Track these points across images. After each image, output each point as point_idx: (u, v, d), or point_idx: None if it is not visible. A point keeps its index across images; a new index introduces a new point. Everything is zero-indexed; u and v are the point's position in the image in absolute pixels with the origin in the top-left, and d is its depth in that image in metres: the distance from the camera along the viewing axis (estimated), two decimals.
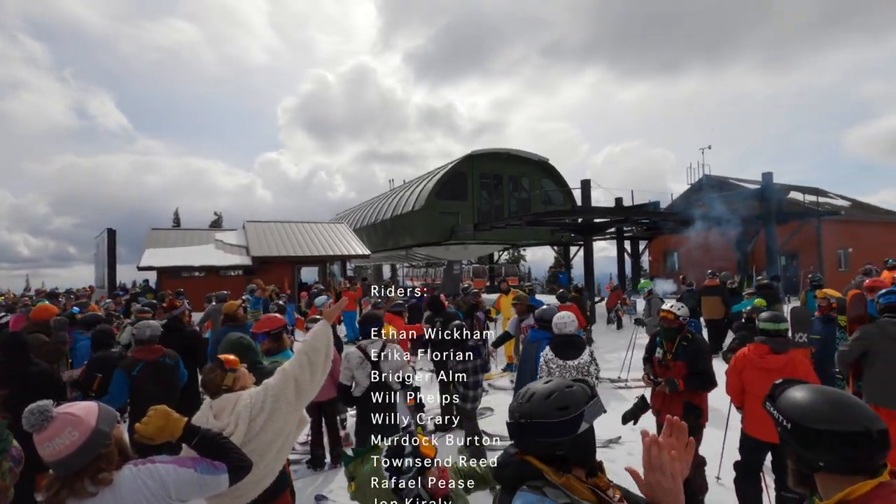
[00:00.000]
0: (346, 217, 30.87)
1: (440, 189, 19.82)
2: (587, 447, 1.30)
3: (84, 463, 1.46)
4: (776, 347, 3.37)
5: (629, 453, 4.91)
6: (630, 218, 16.90)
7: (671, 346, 3.86)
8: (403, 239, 21.72)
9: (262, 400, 2.18)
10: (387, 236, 23.61)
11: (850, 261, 20.86)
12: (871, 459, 1.13)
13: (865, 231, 22.49)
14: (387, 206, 24.18)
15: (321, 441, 4.93)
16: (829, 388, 1.26)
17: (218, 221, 44.26)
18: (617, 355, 9.49)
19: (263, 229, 19.69)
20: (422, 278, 32.95)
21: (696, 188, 23.08)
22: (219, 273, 16.99)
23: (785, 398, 1.26)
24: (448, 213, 19.76)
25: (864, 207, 25.07)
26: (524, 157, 21.36)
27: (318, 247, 18.73)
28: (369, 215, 26.61)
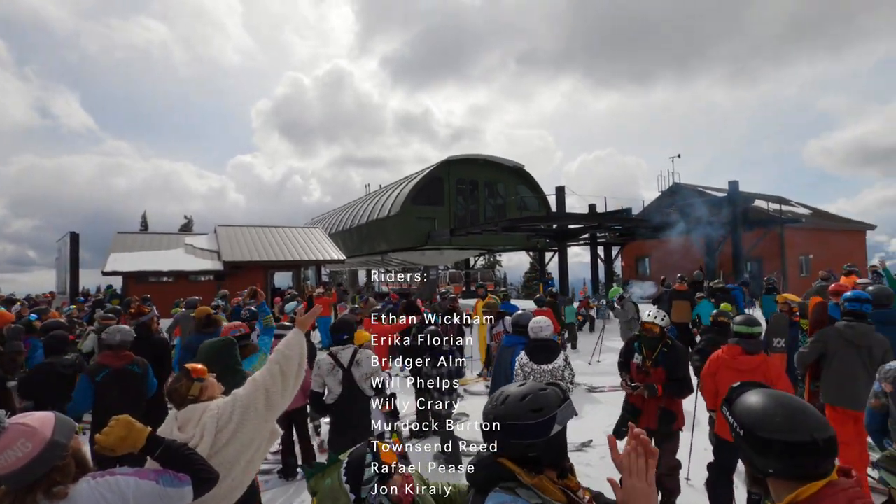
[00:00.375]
0: (322, 221, 30.53)
1: (416, 194, 19.82)
2: (559, 449, 1.32)
3: (38, 476, 1.39)
4: (748, 349, 3.47)
5: (601, 456, 4.97)
6: (603, 224, 17.23)
7: (651, 353, 3.81)
8: (379, 244, 21.60)
9: (229, 411, 2.10)
10: (363, 241, 23.44)
11: (811, 266, 21.74)
12: (818, 466, 1.17)
13: (825, 238, 23.49)
14: (363, 210, 24.02)
15: (292, 450, 4.83)
16: (783, 394, 1.29)
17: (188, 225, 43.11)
18: (591, 359, 9.63)
19: (235, 233, 19.29)
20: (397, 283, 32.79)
21: (666, 195, 23.72)
22: (188, 278, 16.54)
23: (740, 404, 1.29)
24: (424, 219, 19.77)
25: (823, 215, 26.18)
26: (500, 164, 21.57)
27: (292, 251, 18.45)
28: (345, 220, 26.37)
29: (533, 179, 22.48)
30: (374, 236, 22.07)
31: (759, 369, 3.39)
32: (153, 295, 13.04)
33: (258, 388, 2.16)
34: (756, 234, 18.70)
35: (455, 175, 20.70)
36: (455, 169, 20.69)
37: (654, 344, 3.81)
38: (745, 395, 1.31)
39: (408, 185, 20.78)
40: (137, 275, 15.75)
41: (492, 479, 1.30)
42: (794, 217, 21.12)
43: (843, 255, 22.67)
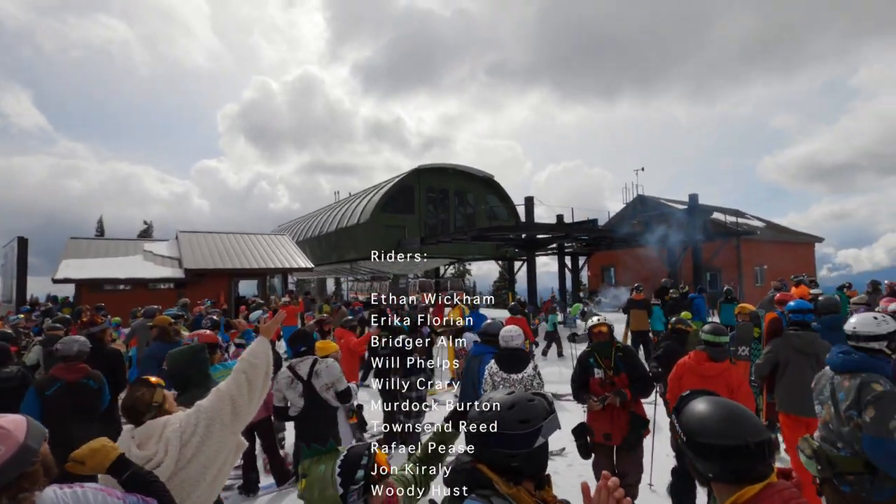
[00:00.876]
0: (289, 229, 29.98)
1: (387, 202, 19.75)
2: (540, 461, 1.32)
3: (7, 481, 1.30)
4: (714, 356, 3.58)
5: (569, 464, 5.02)
6: (570, 234, 17.57)
7: (609, 361, 3.72)
8: (348, 252, 21.37)
9: (193, 423, 2.00)
10: (331, 249, 23.13)
11: (765, 277, 22.76)
12: (753, 469, 1.21)
13: (778, 250, 24.67)
14: (332, 218, 23.73)
15: (254, 465, 4.68)
16: (725, 401, 1.33)
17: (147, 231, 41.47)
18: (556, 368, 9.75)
19: (198, 240, 18.68)
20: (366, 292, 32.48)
21: (631, 207, 24.42)
22: (147, 286, 15.89)
23: (685, 412, 1.34)
24: (394, 227, 19.69)
25: (776, 228, 27.50)
26: (470, 174, 21.76)
27: (257, 259, 18.00)
28: (314, 227, 25.98)
29: (502, 189, 22.76)
30: (343, 244, 21.82)
31: (721, 376, 3.50)
32: (109, 304, 12.45)
33: (223, 398, 2.08)
34: (715, 246, 19.46)
35: (425, 184, 20.74)
36: (425, 178, 20.74)
37: (608, 350, 3.75)
38: (691, 403, 1.35)
39: (378, 193, 20.69)
40: (91, 282, 15.01)
41: (469, 485, 1.29)
42: (750, 229, 22.10)
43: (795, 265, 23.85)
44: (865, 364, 2.57)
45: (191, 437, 1.97)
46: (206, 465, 1.99)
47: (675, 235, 17.84)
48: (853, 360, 2.61)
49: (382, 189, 20.70)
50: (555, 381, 8.72)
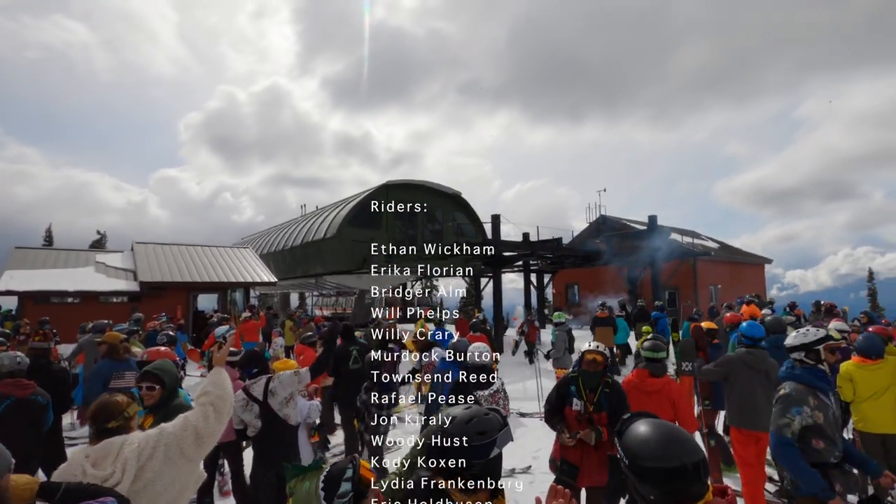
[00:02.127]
0: (253, 241, 29.27)
1: (354, 217, 19.62)
2: (495, 471, 1.41)
3: None
4: (655, 372, 3.70)
5: (530, 482, 5.06)
6: (536, 252, 17.90)
7: (593, 395, 3.34)
8: (314, 266, 21.03)
9: (152, 445, 1.92)
10: (296, 263, 22.70)
11: (719, 296, 23.74)
12: (690, 490, 1.27)
13: (731, 270, 25.82)
14: (298, 231, 23.35)
15: (209, 489, 4.50)
16: (661, 423, 1.39)
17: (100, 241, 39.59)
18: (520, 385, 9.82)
19: (156, 251, 18.00)
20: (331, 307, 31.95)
21: (594, 226, 25.11)
22: (98, 299, 15.13)
23: (627, 435, 1.40)
24: (361, 242, 19.54)
25: (729, 249, 28.81)
26: (439, 190, 21.92)
27: (218, 272, 17.47)
28: (278, 241, 25.47)
29: (470, 207, 23.00)
30: (308, 258, 21.47)
31: (663, 391, 3.61)
32: (56, 318, 11.80)
33: (188, 427, 2.03)
34: (672, 265, 20.21)
35: (394, 199, 20.76)
36: (394, 193, 20.76)
37: (596, 383, 3.35)
38: (632, 426, 1.41)
39: (346, 207, 20.53)
40: (37, 295, 14.17)
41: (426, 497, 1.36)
42: (705, 250, 23.08)
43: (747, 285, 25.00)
44: (790, 374, 2.91)
45: (148, 459, 1.89)
46: (161, 492, 1.91)
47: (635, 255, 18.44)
48: (783, 371, 2.98)
49: (350, 203, 20.57)
50: (519, 397, 8.78)
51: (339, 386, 5.60)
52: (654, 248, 18.36)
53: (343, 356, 5.75)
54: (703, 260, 22.57)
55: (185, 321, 14.65)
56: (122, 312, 12.65)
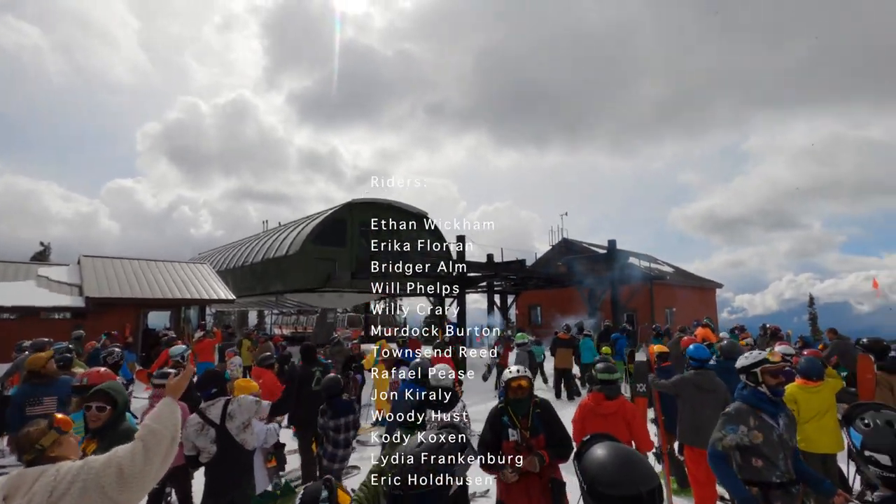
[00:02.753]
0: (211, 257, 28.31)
1: (318, 234, 19.33)
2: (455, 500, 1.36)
3: None
4: (609, 394, 3.74)
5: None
6: (500, 273, 18.10)
7: (526, 420, 3.19)
8: (275, 284, 20.50)
9: (69, 480, 1.72)
10: (256, 280, 22.08)
11: (674, 318, 24.60)
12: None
13: (685, 293, 26.87)
14: (259, 247, 22.77)
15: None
16: (621, 448, 1.42)
17: (44, 254, 37.27)
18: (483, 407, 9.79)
19: (104, 266, 17.11)
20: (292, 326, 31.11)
21: (556, 249, 25.68)
22: (39, 315, 14.19)
23: (585, 458, 1.41)
24: (325, 260, 19.25)
25: (683, 274, 30.03)
26: (404, 210, 21.94)
27: (172, 288, 16.75)
28: (238, 257, 24.74)
29: (435, 227, 23.13)
30: (269, 276, 20.92)
31: (619, 413, 3.66)
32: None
33: (111, 463, 1.80)
34: (631, 288, 20.85)
35: (359, 218, 20.62)
36: (359, 211, 20.64)
37: (526, 408, 3.21)
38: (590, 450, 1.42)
39: (310, 224, 20.23)
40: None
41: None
42: (661, 274, 23.97)
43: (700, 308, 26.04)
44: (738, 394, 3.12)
45: (62, 496, 1.69)
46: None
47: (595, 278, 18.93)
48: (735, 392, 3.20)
49: (315, 220, 20.29)
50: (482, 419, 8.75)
51: (300, 408, 5.43)
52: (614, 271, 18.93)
53: (304, 378, 5.60)
54: (659, 283, 23.41)
55: (133, 339, 13.92)
56: (65, 330, 11.87)
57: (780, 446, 2.85)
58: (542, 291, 23.93)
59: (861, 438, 1.77)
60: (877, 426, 1.75)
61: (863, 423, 1.79)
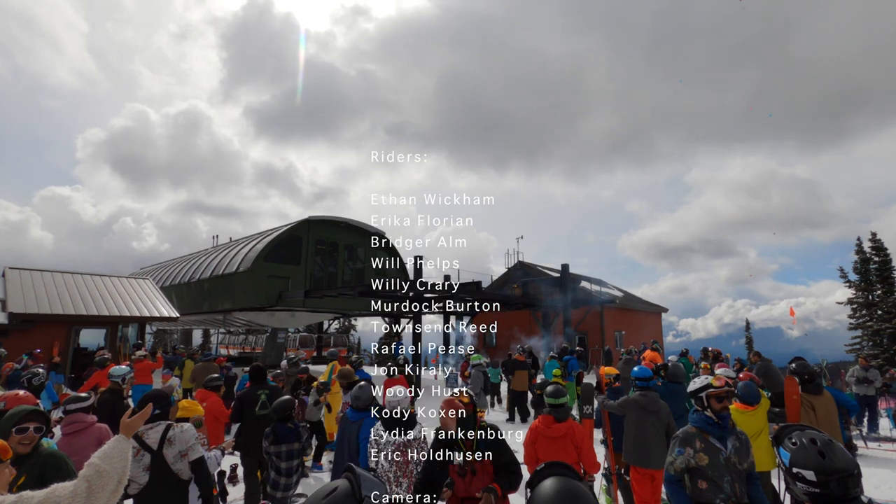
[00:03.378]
0: (154, 272, 26.89)
1: (272, 251, 18.80)
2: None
3: None
4: (558, 417, 3.80)
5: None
6: (456, 295, 18.15)
7: (472, 443, 3.10)
8: (223, 302, 19.67)
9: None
10: (203, 298, 21.11)
11: (623, 341, 25.41)
12: None
13: (633, 317, 27.87)
14: (208, 263, 21.85)
15: None
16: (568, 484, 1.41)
17: None
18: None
19: (33, 279, 15.88)
20: (239, 346, 29.81)
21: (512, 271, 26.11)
22: None
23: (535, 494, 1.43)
24: (277, 277, 18.70)
25: (632, 298, 31.19)
26: (362, 228, 21.75)
27: (108, 305, 15.72)
28: (184, 272, 23.62)
29: (393, 247, 23.03)
30: (217, 293, 20.06)
31: (567, 435, 3.72)
32: None
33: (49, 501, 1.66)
34: (582, 311, 21.42)
35: (315, 235, 20.24)
36: (316, 229, 20.28)
37: (471, 425, 3.15)
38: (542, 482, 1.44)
39: (263, 240, 19.66)
40: None
41: None
42: (611, 298, 24.78)
43: (647, 331, 27.07)
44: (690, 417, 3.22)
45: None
46: None
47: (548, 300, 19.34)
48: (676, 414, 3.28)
49: (268, 237, 19.74)
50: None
51: (244, 433, 5.19)
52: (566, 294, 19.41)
53: (250, 401, 5.36)
54: (609, 307, 24.18)
55: (62, 359, 12.90)
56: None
57: (727, 469, 2.94)
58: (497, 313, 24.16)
59: (789, 456, 1.88)
60: (802, 444, 1.86)
61: (790, 443, 1.90)
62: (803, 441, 1.88)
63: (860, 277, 26.80)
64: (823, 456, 1.81)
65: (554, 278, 21.71)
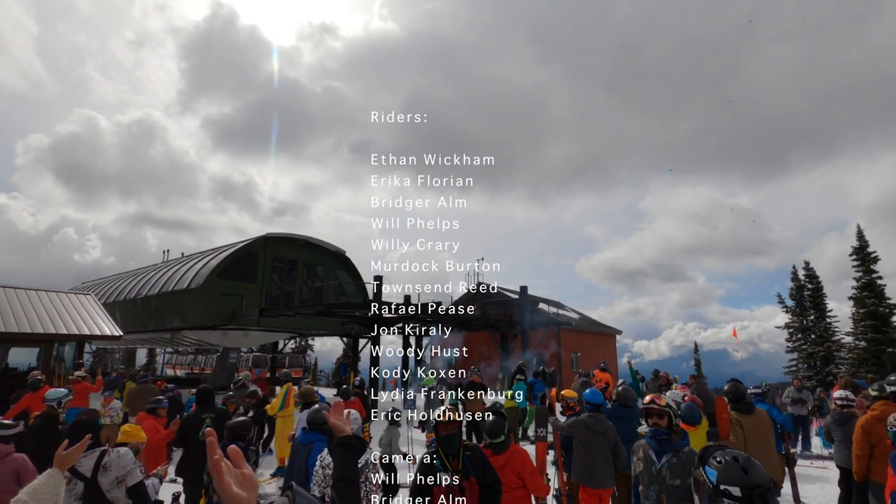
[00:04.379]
0: (97, 287, 25.49)
1: (226, 268, 18.21)
2: None
3: None
4: (495, 451, 3.68)
5: None
6: (416, 315, 18.10)
7: (457, 462, 3.15)
8: (171, 320, 18.82)
9: None
10: (149, 315, 20.12)
11: (579, 362, 25.94)
12: None
13: (589, 339, 28.56)
14: (156, 279, 20.91)
15: None
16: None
17: None
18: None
19: None
20: (187, 366, 28.43)
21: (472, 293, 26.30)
22: None
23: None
24: (231, 295, 18.09)
25: (588, 320, 31.99)
26: (322, 247, 21.45)
27: (43, 321, 14.72)
28: (130, 288, 22.50)
29: (353, 266, 22.78)
30: (165, 310, 19.18)
31: (509, 464, 3.66)
32: None
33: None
34: (539, 333, 21.78)
35: (273, 253, 19.79)
36: (273, 246, 19.84)
37: (455, 447, 3.19)
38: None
39: (217, 256, 19.03)
40: None
41: None
42: (568, 320, 25.35)
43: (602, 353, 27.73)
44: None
45: None
46: None
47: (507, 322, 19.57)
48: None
49: (223, 253, 19.14)
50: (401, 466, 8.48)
51: (186, 459, 4.97)
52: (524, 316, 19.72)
53: (194, 424, 5.15)
54: (566, 329, 24.70)
55: None
56: None
57: (655, 480, 3.18)
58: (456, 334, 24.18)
59: (716, 474, 2.02)
60: (726, 462, 2.01)
61: (715, 461, 2.05)
62: (727, 459, 2.03)
63: (796, 303, 28.58)
64: (746, 472, 1.96)
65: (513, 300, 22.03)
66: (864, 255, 25.66)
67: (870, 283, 25.12)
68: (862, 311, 24.93)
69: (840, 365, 25.73)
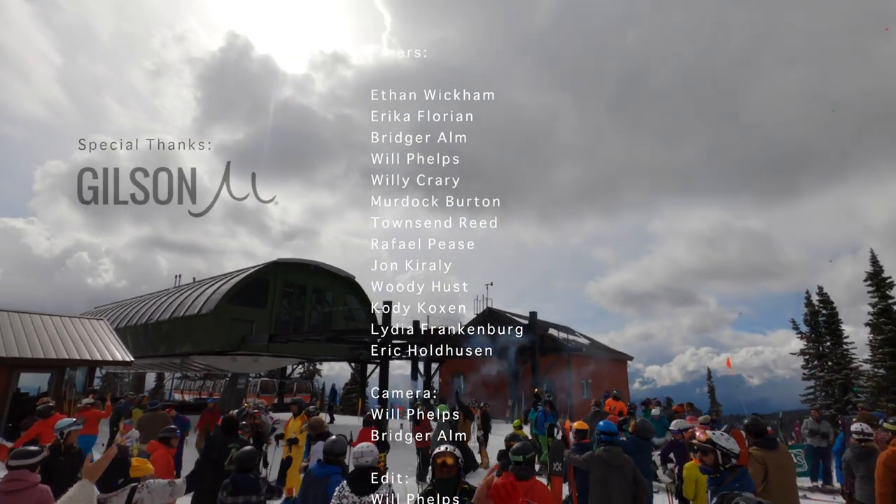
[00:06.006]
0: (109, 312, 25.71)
1: (237, 293, 18.35)
2: None
3: None
4: (520, 475, 3.61)
5: None
6: (425, 341, 18.03)
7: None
8: (182, 345, 18.89)
9: None
10: (160, 340, 20.22)
11: (590, 389, 25.52)
12: None
13: (600, 365, 28.13)
14: (168, 304, 21.08)
15: None
16: None
17: None
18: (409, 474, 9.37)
19: None
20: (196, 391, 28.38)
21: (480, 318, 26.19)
22: None
23: None
24: (241, 321, 18.17)
25: (598, 345, 31.59)
26: (332, 272, 21.58)
27: (56, 346, 14.85)
28: (142, 313, 22.67)
29: (362, 291, 22.84)
30: (176, 335, 19.27)
31: (528, 494, 3.51)
32: None
33: None
34: (549, 359, 21.54)
35: (283, 278, 19.94)
36: (284, 271, 20.00)
37: (452, 490, 3.09)
38: None
39: (228, 281, 19.21)
40: None
41: None
42: (578, 346, 25.06)
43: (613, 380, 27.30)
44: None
45: None
46: None
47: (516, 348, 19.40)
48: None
49: (235, 278, 19.32)
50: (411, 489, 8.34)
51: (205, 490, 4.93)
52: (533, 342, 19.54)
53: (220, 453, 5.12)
54: (576, 355, 24.40)
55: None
56: None
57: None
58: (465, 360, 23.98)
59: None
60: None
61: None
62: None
63: (810, 329, 28.08)
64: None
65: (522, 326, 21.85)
66: (880, 280, 25.28)
67: (886, 309, 24.68)
68: (880, 338, 24.43)
69: (860, 394, 25.09)
